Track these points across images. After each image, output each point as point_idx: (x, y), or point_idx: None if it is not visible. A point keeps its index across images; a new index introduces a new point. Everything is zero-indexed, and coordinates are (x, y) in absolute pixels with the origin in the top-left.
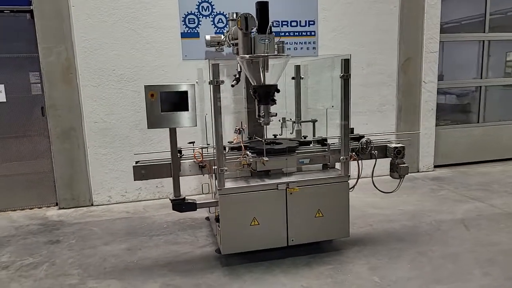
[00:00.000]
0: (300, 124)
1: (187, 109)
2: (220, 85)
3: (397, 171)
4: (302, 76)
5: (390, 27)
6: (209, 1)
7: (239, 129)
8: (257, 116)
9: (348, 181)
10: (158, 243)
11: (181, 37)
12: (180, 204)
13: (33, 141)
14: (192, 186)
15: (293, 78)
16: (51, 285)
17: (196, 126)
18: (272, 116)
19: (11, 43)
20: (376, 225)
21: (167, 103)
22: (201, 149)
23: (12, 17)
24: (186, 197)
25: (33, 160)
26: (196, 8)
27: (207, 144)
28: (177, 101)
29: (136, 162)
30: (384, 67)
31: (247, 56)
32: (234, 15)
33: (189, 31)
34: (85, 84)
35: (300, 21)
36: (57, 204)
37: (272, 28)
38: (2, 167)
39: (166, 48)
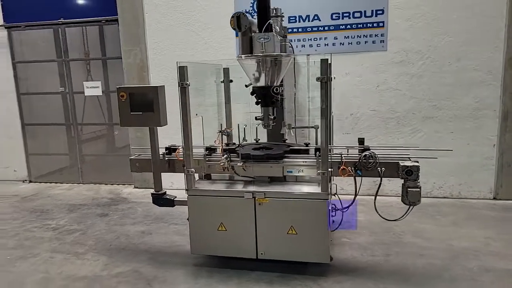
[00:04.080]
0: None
1: (154, 110)
2: None
3: (406, 196)
4: (332, 77)
5: (494, 11)
6: None
7: (220, 131)
8: (255, 119)
9: (328, 199)
10: (169, 231)
11: (236, 36)
12: (159, 199)
13: (121, 128)
14: None
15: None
16: (66, 250)
17: (162, 126)
18: (271, 119)
19: (105, 47)
20: (396, 257)
21: (136, 104)
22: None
23: (107, 26)
24: (167, 193)
25: (125, 144)
26: (250, 6)
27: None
28: (145, 102)
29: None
30: (482, 62)
31: (243, 56)
32: None
33: None
34: (154, 81)
35: (365, 11)
36: None
37: (332, 20)
38: (103, 148)
39: (222, 47)
